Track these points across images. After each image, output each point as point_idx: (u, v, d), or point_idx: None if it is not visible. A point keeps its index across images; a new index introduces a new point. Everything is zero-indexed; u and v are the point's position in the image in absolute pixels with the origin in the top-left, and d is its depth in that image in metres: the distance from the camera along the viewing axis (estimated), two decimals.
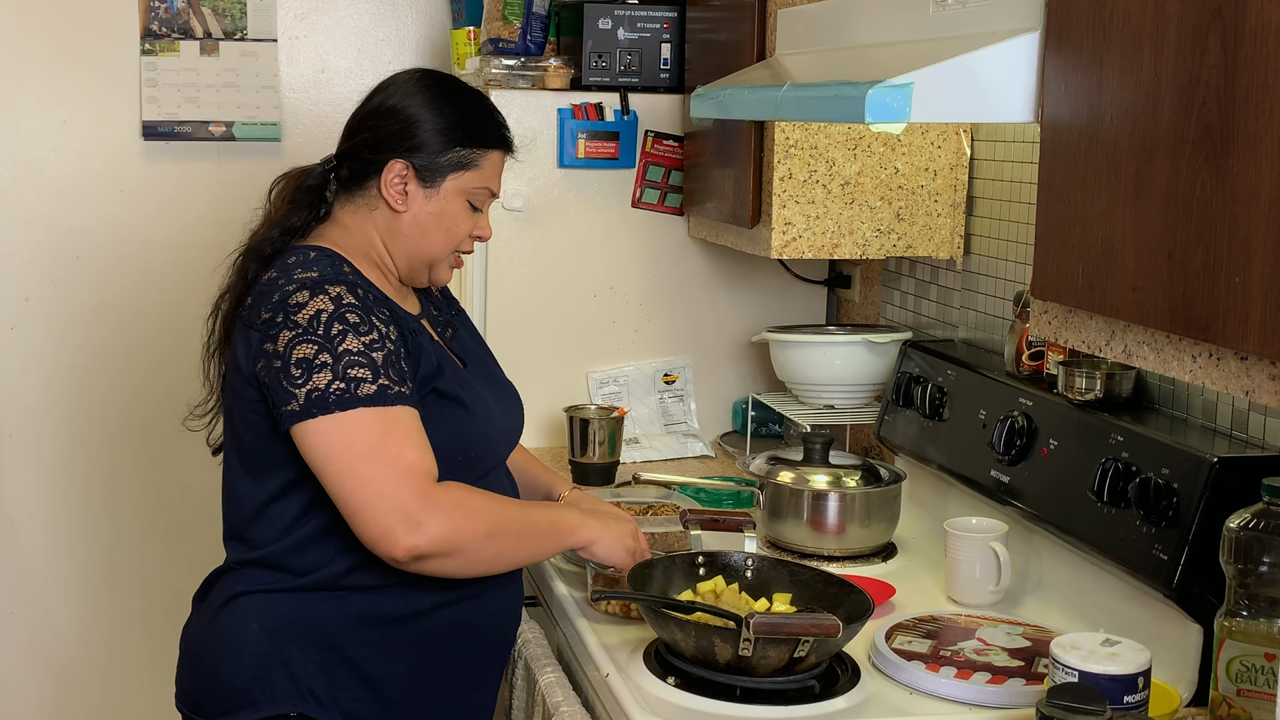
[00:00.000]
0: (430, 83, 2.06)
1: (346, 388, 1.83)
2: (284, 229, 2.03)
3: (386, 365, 1.87)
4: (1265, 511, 1.65)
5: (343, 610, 1.94)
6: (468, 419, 2.00)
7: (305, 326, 1.86)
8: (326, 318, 1.87)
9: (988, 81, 1.65)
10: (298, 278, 1.92)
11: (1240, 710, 1.67)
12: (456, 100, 2.05)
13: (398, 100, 2.04)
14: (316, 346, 1.85)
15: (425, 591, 1.95)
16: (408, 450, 1.84)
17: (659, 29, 3.06)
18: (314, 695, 1.93)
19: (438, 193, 2.01)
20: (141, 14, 3.60)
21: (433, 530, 1.82)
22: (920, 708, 1.85)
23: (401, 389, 1.87)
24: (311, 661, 1.93)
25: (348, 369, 1.84)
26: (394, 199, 2.00)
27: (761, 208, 2.65)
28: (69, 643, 3.77)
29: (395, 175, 2.00)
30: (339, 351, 1.85)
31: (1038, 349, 2.31)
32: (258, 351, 1.90)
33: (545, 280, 3.09)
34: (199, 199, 3.69)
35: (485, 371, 2.16)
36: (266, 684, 1.93)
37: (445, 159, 2.01)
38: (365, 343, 1.87)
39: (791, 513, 2.42)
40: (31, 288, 3.65)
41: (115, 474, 3.75)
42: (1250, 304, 1.29)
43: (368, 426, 1.84)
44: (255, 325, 1.91)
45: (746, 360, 3.21)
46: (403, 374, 1.89)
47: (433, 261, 2.05)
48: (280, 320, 1.88)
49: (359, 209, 2.04)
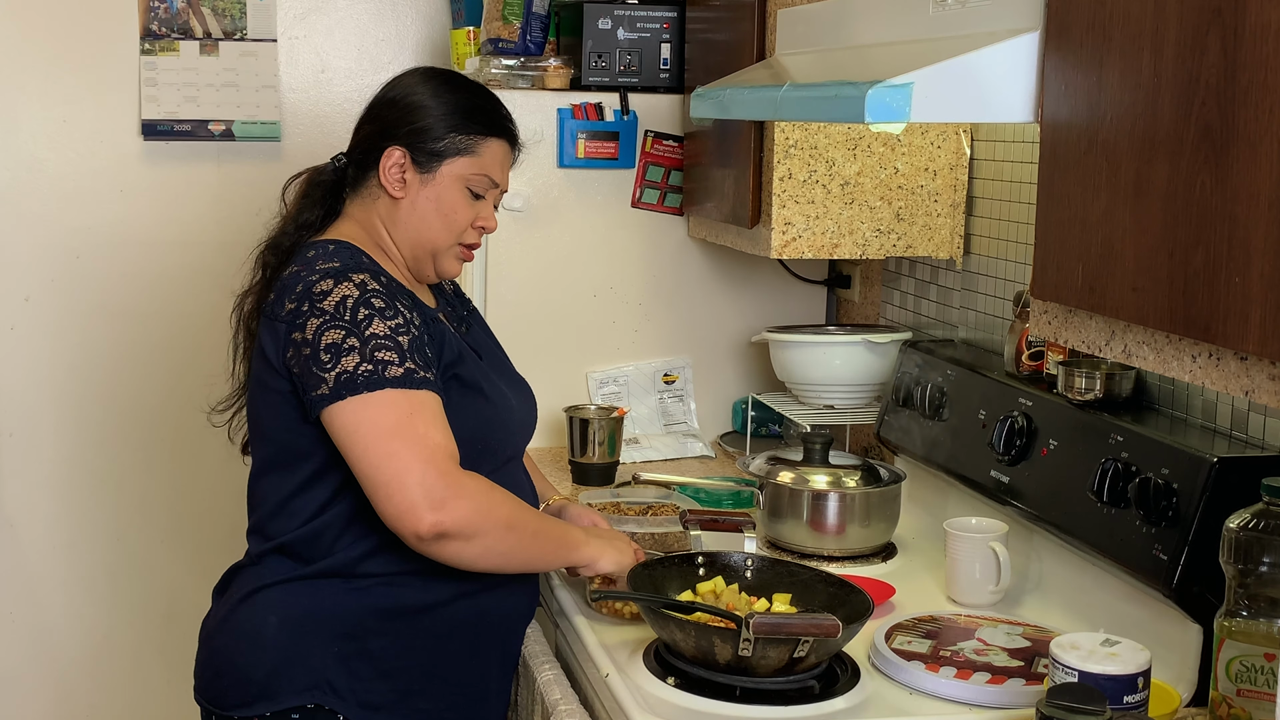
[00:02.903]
0: (432, 74, 2.12)
1: (374, 369, 1.87)
2: (299, 224, 2.07)
3: (412, 350, 1.90)
4: (1265, 511, 1.65)
5: (361, 601, 1.96)
6: (488, 408, 2.03)
7: (332, 313, 1.90)
8: (352, 303, 1.90)
9: (987, 81, 1.65)
10: (320, 268, 1.95)
11: (1240, 710, 1.67)
12: (456, 89, 2.10)
13: (399, 92, 2.09)
14: (344, 331, 1.89)
15: (443, 582, 1.97)
16: (434, 431, 1.87)
17: (659, 29, 3.06)
18: (332, 687, 1.95)
19: (434, 178, 2.04)
20: (141, 14, 3.60)
21: (457, 510, 1.84)
22: (920, 708, 1.85)
23: (426, 374, 1.91)
24: (330, 653, 1.96)
25: (375, 351, 1.88)
26: (392, 185, 2.04)
27: (761, 208, 2.65)
28: (69, 643, 3.77)
29: (393, 162, 2.03)
30: (366, 335, 1.88)
31: (1038, 349, 2.31)
32: (286, 342, 1.93)
33: (545, 280, 3.09)
34: (199, 199, 3.69)
35: (500, 367, 2.18)
36: (286, 676, 1.95)
37: (441, 144, 2.04)
38: (391, 327, 1.90)
39: (791, 513, 2.42)
40: (31, 288, 3.65)
41: (115, 474, 3.75)
42: (1250, 304, 1.29)
43: (395, 406, 1.86)
44: (281, 317, 1.94)
45: (746, 360, 3.21)
46: (427, 360, 1.93)
47: (435, 250, 2.07)
48: (306, 309, 1.92)
49: (365, 201, 2.08)
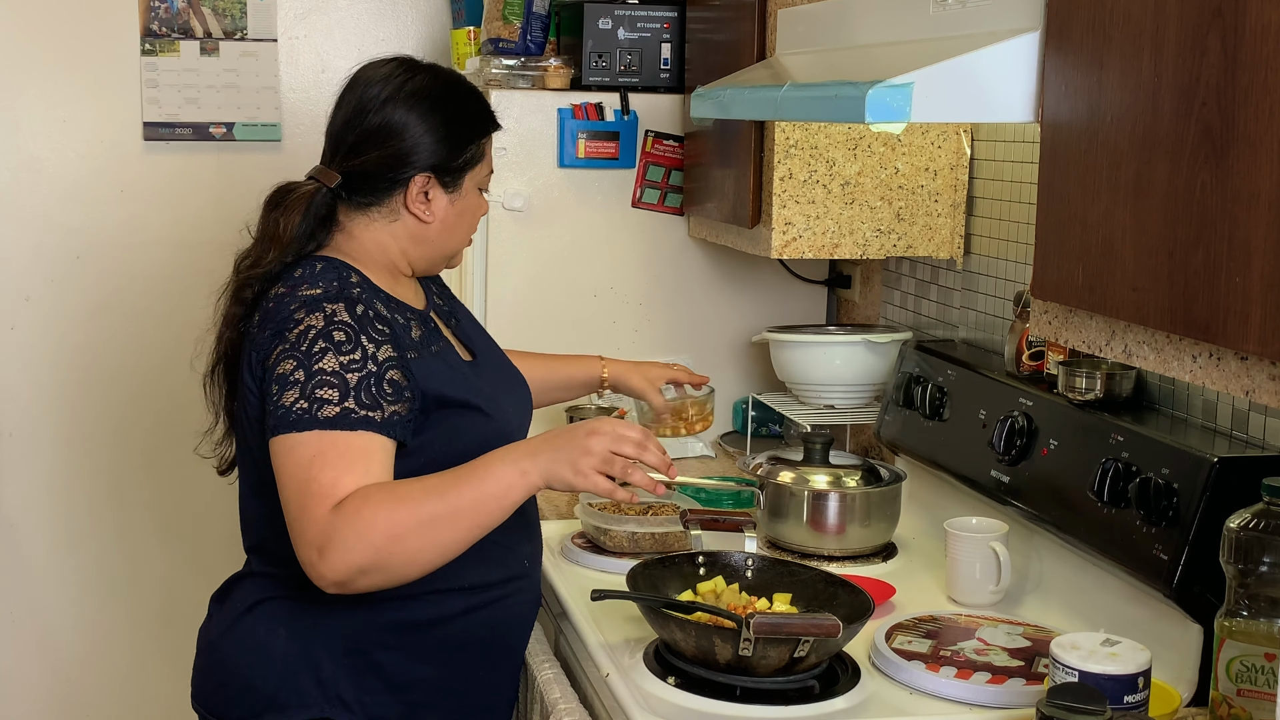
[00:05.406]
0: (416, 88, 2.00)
1: (308, 408, 1.80)
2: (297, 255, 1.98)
3: (360, 388, 1.82)
4: (1265, 511, 1.65)
5: (370, 615, 1.93)
6: (487, 425, 1.99)
7: (293, 343, 1.85)
8: (313, 335, 1.85)
9: (988, 81, 1.65)
10: (301, 294, 1.90)
11: (1240, 710, 1.67)
12: (449, 100, 2.03)
13: (396, 116, 1.98)
14: (295, 363, 1.84)
15: (453, 596, 1.96)
16: (329, 473, 1.77)
17: (659, 29, 3.06)
18: (341, 700, 1.93)
19: (460, 193, 2.04)
20: (141, 14, 3.60)
21: (335, 555, 1.74)
22: (920, 708, 1.85)
23: (370, 414, 1.82)
24: (340, 666, 1.93)
25: (316, 389, 1.81)
26: (421, 212, 2.00)
27: (761, 208, 2.65)
28: (69, 643, 3.77)
29: (419, 190, 1.99)
30: (313, 370, 1.83)
31: (1038, 349, 2.31)
32: (259, 367, 1.90)
33: (545, 280, 3.09)
34: (199, 199, 3.69)
35: (494, 360, 2.17)
36: (294, 689, 1.93)
37: (461, 160, 2.02)
38: (343, 362, 1.83)
39: (792, 513, 2.42)
40: (31, 288, 3.65)
41: (115, 474, 3.75)
42: (1250, 304, 1.29)
43: (306, 449, 1.79)
44: (258, 343, 1.91)
45: (746, 360, 3.21)
46: (377, 399, 1.83)
47: (456, 252, 2.10)
48: (274, 336, 1.88)
49: (374, 221, 2.01)
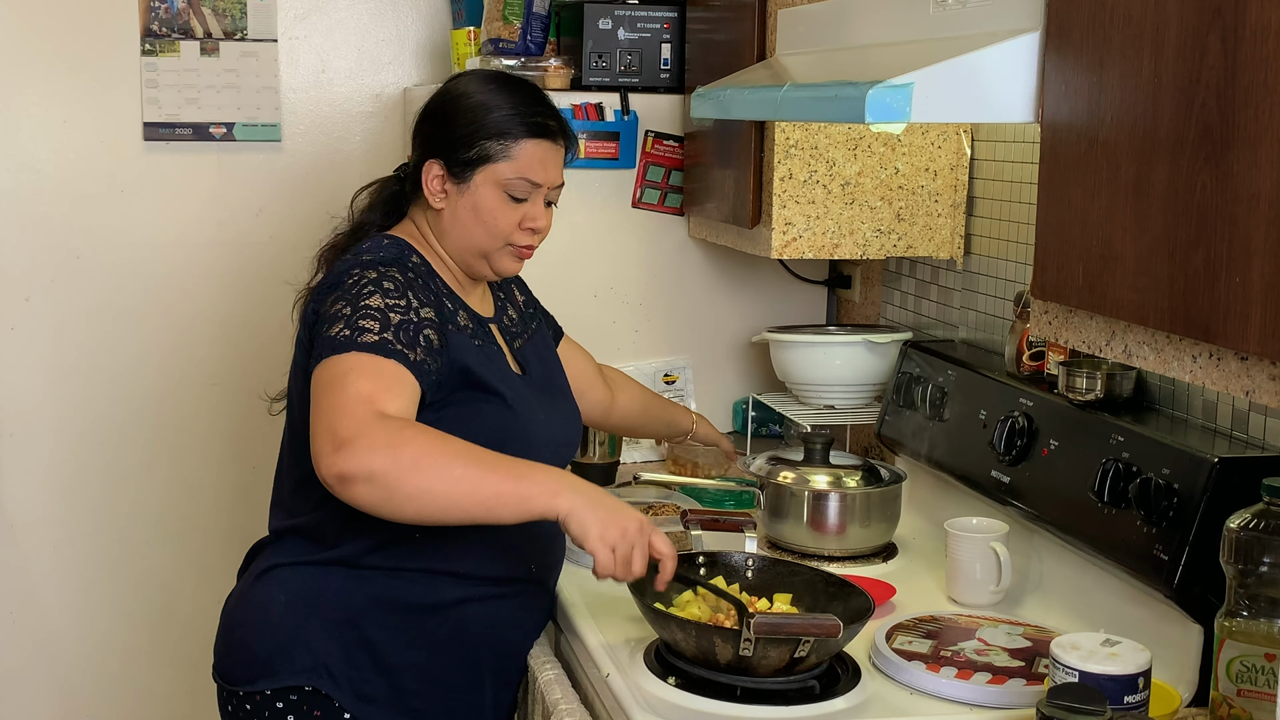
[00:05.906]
0: (468, 80, 2.16)
1: (351, 335, 1.88)
2: (356, 225, 2.17)
3: (400, 328, 1.91)
4: (1265, 511, 1.65)
5: (364, 589, 1.99)
6: (508, 414, 2.03)
7: (345, 288, 1.96)
8: (365, 282, 1.96)
9: (988, 81, 1.64)
10: (364, 259, 2.02)
11: (1240, 710, 1.67)
12: (487, 93, 2.12)
13: (437, 100, 2.15)
14: (345, 303, 1.93)
15: (447, 582, 2.00)
16: (365, 384, 1.82)
17: (659, 29, 3.06)
18: (329, 672, 1.98)
19: (469, 187, 2.09)
20: (141, 14, 3.60)
21: (356, 450, 1.75)
22: (920, 708, 1.85)
23: (406, 351, 1.89)
24: (332, 639, 1.98)
25: (359, 320, 1.90)
26: (434, 197, 2.11)
27: (761, 208, 2.65)
28: (69, 643, 3.77)
29: (433, 176, 2.10)
30: (360, 306, 1.92)
31: (1038, 349, 2.31)
32: (312, 316, 2.00)
33: (545, 280, 3.07)
34: (199, 199, 3.68)
35: (546, 383, 2.20)
36: (287, 655, 1.98)
37: (471, 153, 2.08)
38: (388, 304, 1.93)
39: (792, 513, 2.42)
40: (31, 288, 3.65)
41: (115, 474, 3.75)
42: (1250, 304, 1.29)
43: (346, 364, 1.85)
44: (315, 297, 2.02)
45: (746, 360, 3.21)
46: (414, 343, 1.91)
47: (483, 253, 2.12)
48: (330, 288, 1.98)
49: (420, 208, 2.15)
